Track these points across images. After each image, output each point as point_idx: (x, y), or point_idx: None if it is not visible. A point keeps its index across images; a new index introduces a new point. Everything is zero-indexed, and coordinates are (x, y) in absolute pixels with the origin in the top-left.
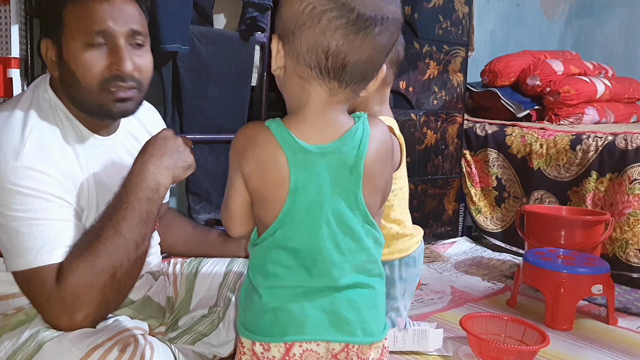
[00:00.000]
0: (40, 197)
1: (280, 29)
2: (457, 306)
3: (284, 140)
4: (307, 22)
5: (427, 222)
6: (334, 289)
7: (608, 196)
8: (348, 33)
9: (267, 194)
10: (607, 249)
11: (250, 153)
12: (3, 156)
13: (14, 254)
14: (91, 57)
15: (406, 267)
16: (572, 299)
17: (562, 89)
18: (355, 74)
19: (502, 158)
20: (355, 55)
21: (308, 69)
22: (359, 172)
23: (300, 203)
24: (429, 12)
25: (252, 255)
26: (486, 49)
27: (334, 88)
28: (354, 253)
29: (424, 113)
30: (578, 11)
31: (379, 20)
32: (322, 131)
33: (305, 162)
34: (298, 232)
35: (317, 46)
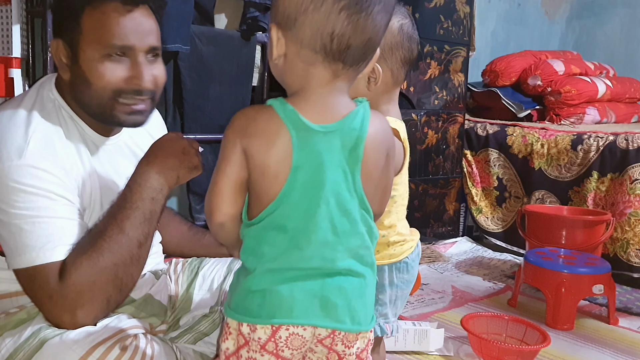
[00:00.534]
0: (44, 195)
1: (279, 17)
2: (458, 306)
3: (288, 118)
4: (309, 6)
5: (428, 222)
6: (325, 274)
7: (609, 196)
8: (351, 14)
9: (269, 171)
10: (608, 249)
11: (253, 129)
12: (7, 154)
13: (16, 251)
14: (109, 68)
15: (398, 273)
16: (573, 299)
17: (563, 89)
18: (358, 53)
19: (503, 158)
20: (359, 36)
21: (313, 52)
22: (359, 154)
23: (301, 181)
24: (430, 12)
25: (246, 237)
26: (487, 49)
27: (338, 69)
28: (348, 236)
29: (425, 113)
30: (579, 11)
31: (379, 3)
32: (325, 111)
33: (307, 140)
34: (296, 210)
35: (321, 29)
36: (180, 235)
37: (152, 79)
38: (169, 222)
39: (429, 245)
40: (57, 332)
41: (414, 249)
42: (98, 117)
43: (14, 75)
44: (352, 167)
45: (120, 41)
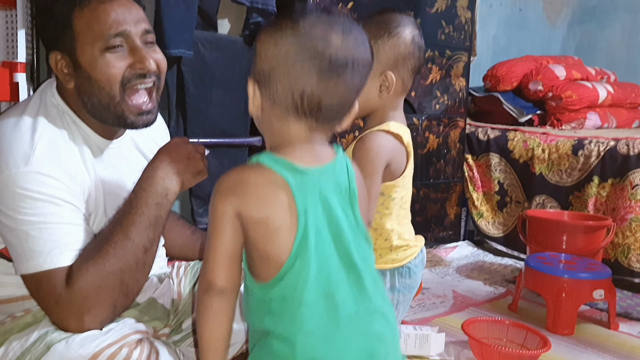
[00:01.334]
0: (50, 202)
1: (255, 73)
2: (458, 310)
3: (280, 166)
4: (281, 67)
5: (429, 226)
6: (363, 315)
7: (610, 201)
8: (322, 78)
9: (274, 223)
10: (609, 254)
11: (242, 188)
12: (13, 161)
13: (24, 257)
14: (111, 59)
15: (400, 278)
16: (573, 304)
17: (565, 94)
18: (331, 113)
19: (504, 163)
20: (329, 98)
21: (285, 110)
22: (354, 191)
23: (312, 225)
24: (432, 17)
25: (270, 300)
26: (488, 54)
27: (312, 125)
28: (366, 272)
29: (426, 117)
30: (580, 16)
31: (350, 64)
32: (313, 158)
33: (305, 182)
34: (317, 256)
35: (292, 89)
36: (183, 239)
37: (155, 61)
38: (172, 226)
39: (430, 250)
40: (64, 336)
41: (418, 254)
42: (108, 119)
43: (18, 79)
44: (351, 204)
45: (115, 29)
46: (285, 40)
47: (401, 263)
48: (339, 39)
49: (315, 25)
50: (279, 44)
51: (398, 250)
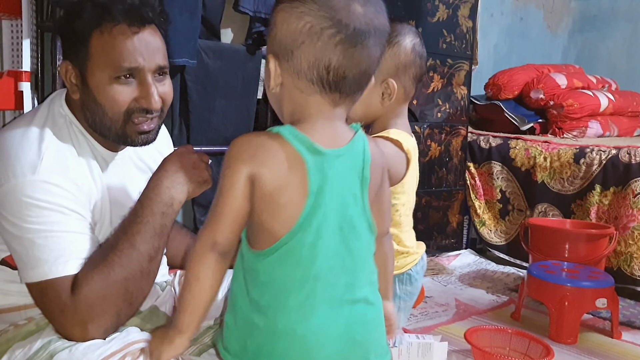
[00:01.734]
0: (56, 210)
1: (276, 48)
2: (461, 319)
3: (301, 143)
4: (306, 40)
5: (431, 234)
6: (348, 302)
7: (612, 210)
8: (347, 47)
9: (282, 199)
10: (611, 263)
11: (263, 156)
12: (20, 170)
13: (29, 265)
14: (118, 90)
15: (401, 284)
16: (576, 313)
17: (566, 103)
18: (354, 84)
19: (506, 171)
20: (354, 68)
21: (310, 83)
22: (366, 176)
23: (320, 207)
24: (433, 26)
25: (258, 271)
26: (490, 63)
27: (335, 99)
28: (363, 260)
29: (428, 125)
30: (581, 25)
31: (372, 33)
32: (332, 137)
33: (322, 164)
34: (316, 237)
35: (318, 62)
36: (186, 248)
37: (161, 97)
38: (175, 235)
39: (432, 258)
40: (67, 344)
41: (418, 261)
42: (109, 137)
43: (23, 88)
44: (361, 190)
45: (129, 63)
46: (307, 13)
47: (402, 270)
48: (361, 7)
49: None
50: (301, 17)
51: (399, 257)
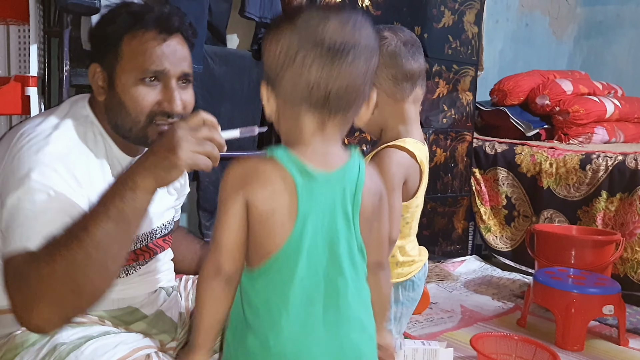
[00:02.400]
0: (42, 191)
1: (266, 75)
2: (467, 325)
3: (292, 165)
4: (284, 63)
5: (436, 240)
6: (342, 324)
7: (619, 216)
8: (323, 64)
9: (274, 220)
10: (618, 269)
11: (254, 178)
12: (27, 148)
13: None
14: (143, 92)
15: (404, 291)
16: (582, 320)
17: (572, 109)
18: (340, 101)
19: (512, 177)
20: (335, 84)
21: (297, 105)
22: (358, 202)
23: (309, 230)
24: (439, 32)
25: (251, 292)
26: (495, 68)
27: (324, 118)
28: (355, 283)
29: (433, 131)
30: (586, 31)
31: (350, 48)
32: (324, 160)
33: (312, 187)
34: (307, 260)
35: (299, 82)
36: (192, 253)
37: (182, 103)
38: (181, 241)
39: (438, 264)
40: (71, 347)
41: (421, 268)
42: (130, 137)
43: (30, 93)
44: (352, 215)
45: (155, 66)
46: (285, 35)
47: (406, 277)
48: (336, 24)
49: (312, 16)
50: (280, 40)
51: (403, 266)
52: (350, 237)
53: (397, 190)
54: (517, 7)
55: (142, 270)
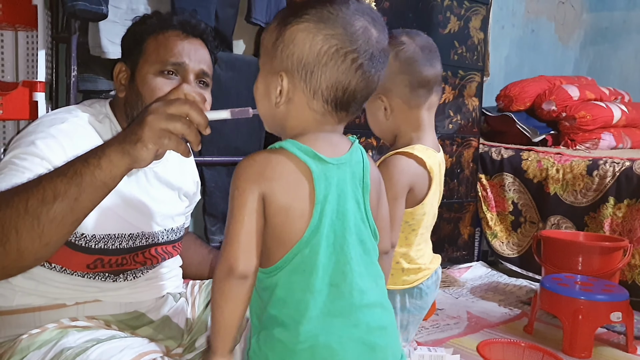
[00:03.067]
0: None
1: (291, 66)
2: (473, 332)
3: (305, 154)
4: (329, 62)
5: (442, 246)
6: (366, 306)
7: (626, 222)
8: (365, 71)
9: (294, 210)
10: (625, 276)
11: (271, 172)
12: (42, 126)
13: None
14: (160, 82)
15: (410, 298)
16: (590, 326)
17: (578, 114)
18: (360, 104)
19: (518, 182)
20: (365, 90)
21: (325, 103)
22: (367, 183)
23: (327, 215)
24: (445, 37)
25: (274, 285)
26: (501, 74)
27: (342, 117)
28: (369, 265)
29: (439, 137)
30: (593, 37)
31: (383, 57)
32: (333, 147)
33: (326, 173)
34: (326, 245)
35: (338, 84)
36: (200, 258)
37: (200, 98)
38: (189, 245)
39: (444, 270)
40: (77, 351)
41: (431, 276)
42: None
43: (37, 98)
44: (363, 196)
45: (175, 59)
46: (334, 36)
47: (412, 285)
48: (376, 32)
49: (355, 15)
50: (327, 39)
51: (409, 273)
52: (363, 219)
53: (400, 199)
54: (523, 13)
55: (149, 274)
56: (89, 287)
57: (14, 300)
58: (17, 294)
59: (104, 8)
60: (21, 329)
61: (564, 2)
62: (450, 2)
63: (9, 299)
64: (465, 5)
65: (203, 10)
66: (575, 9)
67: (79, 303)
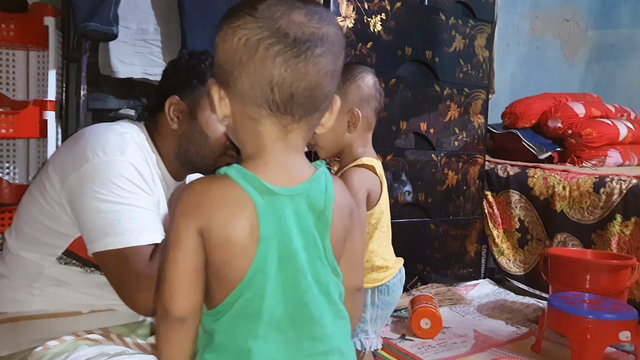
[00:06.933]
0: (140, 188)
1: (218, 74)
2: (480, 351)
3: (250, 184)
4: (244, 56)
5: (448, 264)
6: (319, 355)
7: (634, 240)
8: (288, 58)
9: (235, 247)
10: (634, 295)
11: (209, 204)
12: (110, 149)
13: (113, 233)
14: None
15: (379, 294)
16: (598, 346)
17: (584, 132)
18: (306, 103)
19: (525, 200)
20: (301, 82)
21: (256, 107)
22: (328, 218)
23: (274, 253)
24: (450, 56)
25: (214, 331)
26: (507, 92)
27: (287, 124)
28: (329, 307)
29: (445, 154)
30: (598, 55)
31: (318, 42)
32: (288, 174)
33: (273, 206)
34: (274, 287)
35: (260, 79)
36: None
37: None
38: None
39: (450, 287)
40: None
41: (397, 274)
42: (197, 164)
43: (48, 117)
44: (321, 232)
45: None
46: (242, 26)
47: (381, 282)
48: (302, 17)
49: (274, 6)
50: (237, 32)
51: (379, 271)
52: (321, 257)
53: (362, 205)
54: (528, 30)
55: None
56: (104, 292)
57: (32, 305)
58: (35, 299)
59: (115, 28)
60: (36, 335)
61: (568, 19)
62: (456, 21)
63: (27, 304)
64: (470, 24)
65: (212, 30)
66: (580, 26)
67: (94, 311)
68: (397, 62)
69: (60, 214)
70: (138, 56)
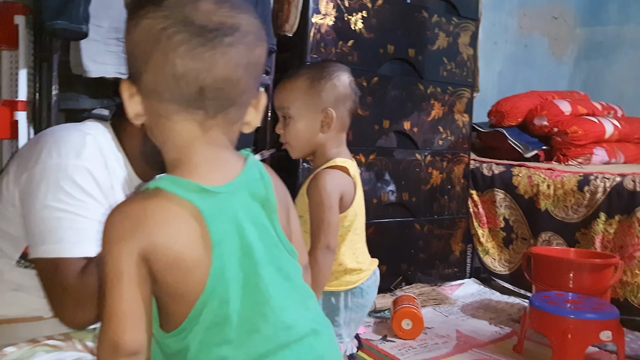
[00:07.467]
0: (90, 196)
1: (128, 69)
2: (461, 352)
3: (187, 190)
4: (147, 47)
5: (433, 263)
6: (295, 342)
7: (617, 238)
8: (193, 47)
9: (187, 261)
10: (617, 293)
11: (148, 224)
12: (65, 152)
13: (49, 240)
14: None
15: (352, 297)
16: (579, 346)
17: (570, 130)
18: (219, 97)
19: (510, 199)
20: (208, 74)
21: (165, 102)
22: (272, 202)
23: (229, 255)
24: (433, 54)
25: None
26: (494, 90)
27: (202, 120)
28: (294, 291)
29: (429, 153)
30: (587, 52)
31: (227, 31)
32: (221, 171)
33: (218, 206)
34: (236, 289)
35: (164, 71)
36: None
37: None
38: None
39: (435, 287)
40: None
41: (371, 276)
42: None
43: (18, 117)
44: (270, 219)
45: None
46: (144, 16)
47: (355, 285)
48: (211, 4)
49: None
50: (140, 22)
51: (352, 274)
52: (276, 244)
53: (335, 207)
54: (516, 28)
55: None
56: None
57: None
58: None
59: (85, 27)
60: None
61: (557, 17)
62: (439, 19)
63: None
64: (454, 21)
65: None
66: (568, 24)
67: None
68: (380, 60)
69: (14, 215)
70: (110, 55)
